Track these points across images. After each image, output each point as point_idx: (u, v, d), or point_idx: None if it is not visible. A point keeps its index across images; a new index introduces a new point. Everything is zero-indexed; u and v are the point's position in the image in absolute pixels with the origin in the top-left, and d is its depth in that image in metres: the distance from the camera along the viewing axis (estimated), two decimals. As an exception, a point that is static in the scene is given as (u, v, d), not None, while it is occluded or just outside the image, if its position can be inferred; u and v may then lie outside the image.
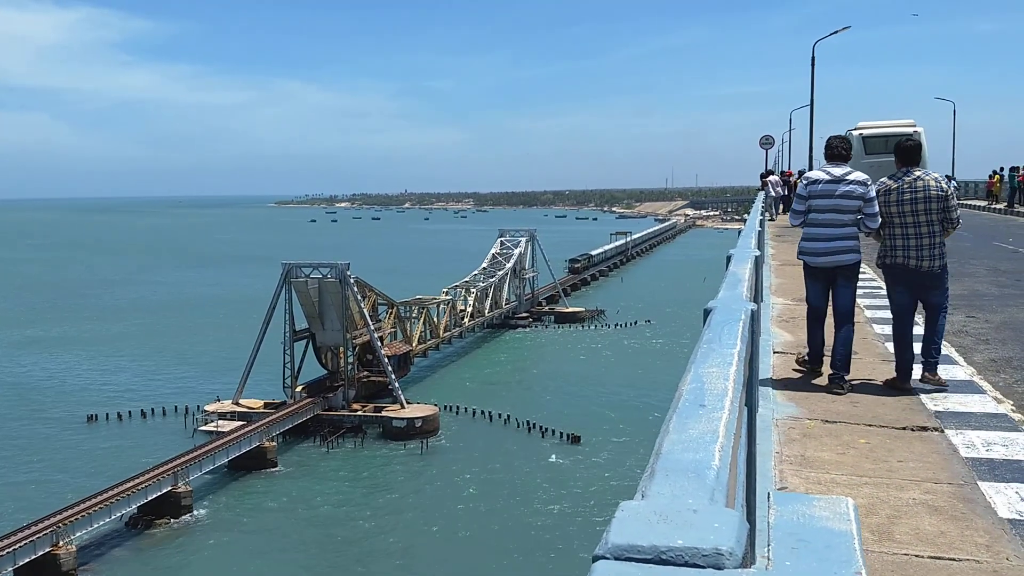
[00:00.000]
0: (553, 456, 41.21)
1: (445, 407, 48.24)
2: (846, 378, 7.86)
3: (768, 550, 1.40)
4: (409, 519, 34.52)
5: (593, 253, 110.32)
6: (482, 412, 47.97)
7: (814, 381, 8.12)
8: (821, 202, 8.05)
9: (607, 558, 1.36)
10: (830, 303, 8.27)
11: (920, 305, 8.18)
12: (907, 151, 8.11)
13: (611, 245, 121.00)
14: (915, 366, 7.92)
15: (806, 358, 8.46)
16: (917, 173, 7.97)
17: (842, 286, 8.16)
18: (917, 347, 7.99)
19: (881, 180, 8.24)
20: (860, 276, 8.80)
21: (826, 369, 8.12)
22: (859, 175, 8.15)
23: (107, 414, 48.59)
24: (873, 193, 8.04)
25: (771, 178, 35.65)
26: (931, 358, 7.86)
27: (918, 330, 8.23)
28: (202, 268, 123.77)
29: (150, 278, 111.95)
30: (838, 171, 8.10)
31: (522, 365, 61.16)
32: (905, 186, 7.90)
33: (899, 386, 7.79)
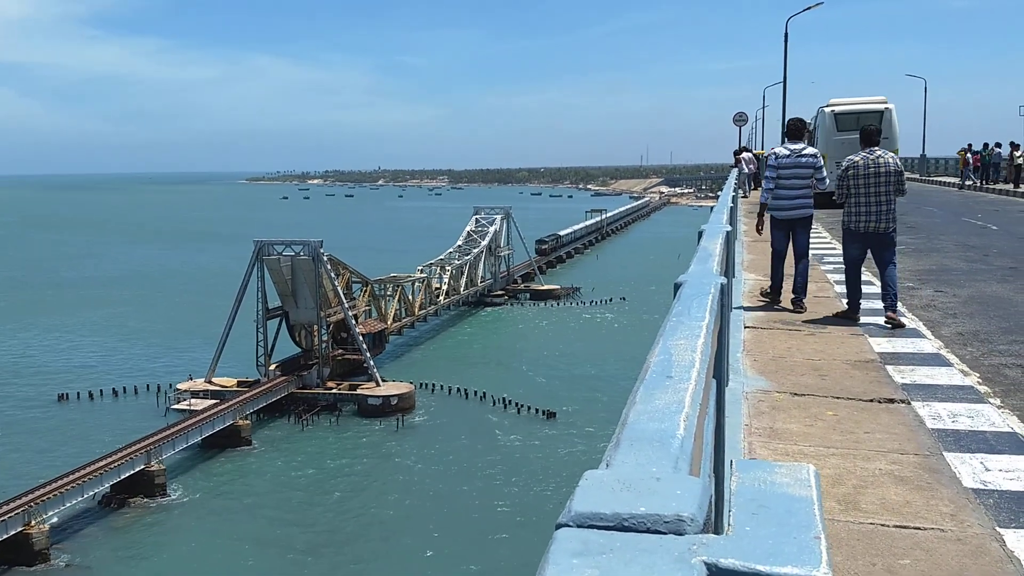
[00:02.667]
0: (528, 433, 41.41)
1: (420, 384, 48.25)
2: (803, 301, 10.41)
3: (729, 516, 1.40)
4: (385, 496, 34.60)
5: (562, 233, 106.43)
6: (457, 389, 48.04)
7: (776, 308, 10.39)
8: (786, 171, 10.50)
9: (570, 526, 1.36)
10: (789, 247, 10.75)
11: (874, 260, 9.93)
12: (869, 134, 9.92)
13: (581, 225, 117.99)
14: (873, 306, 9.87)
15: (768, 290, 10.88)
16: (878, 152, 9.72)
17: (800, 233, 10.70)
18: (866, 289, 10.27)
19: (849, 157, 9.92)
20: (824, 246, 10.23)
21: (787, 295, 10.60)
22: (811, 150, 10.69)
23: (78, 393, 48.08)
24: (822, 163, 10.67)
25: (744, 155, 35.74)
26: (890, 301, 9.54)
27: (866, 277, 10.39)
28: (173, 246, 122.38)
29: (120, 256, 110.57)
30: (796, 147, 10.61)
31: (497, 342, 61.24)
32: (870, 162, 9.61)
33: (851, 316, 9.71)
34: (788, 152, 10.56)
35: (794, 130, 10.90)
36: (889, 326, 9.28)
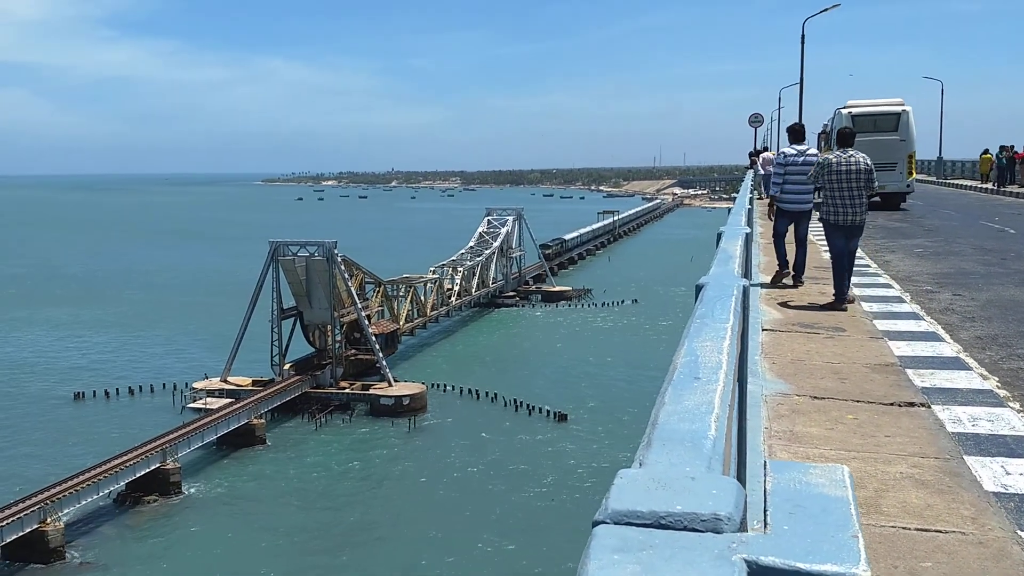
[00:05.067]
0: (540, 435, 41.39)
1: (432, 385, 48.31)
2: (802, 277, 12.21)
3: (766, 515, 1.42)
4: (397, 496, 34.67)
5: (567, 238, 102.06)
6: (469, 390, 48.06)
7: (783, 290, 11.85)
8: (792, 169, 12.04)
9: (607, 523, 1.38)
10: (791, 232, 12.50)
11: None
12: (844, 136, 11.12)
13: (587, 228, 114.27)
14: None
15: (782, 271, 12.39)
16: (851, 152, 10.84)
17: (802, 223, 12.41)
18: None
19: (825, 157, 11.24)
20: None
21: (788, 276, 12.23)
22: (813, 150, 12.62)
23: (94, 391, 48.39)
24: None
25: (765, 154, 35.51)
26: (846, 288, 10.96)
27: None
28: (188, 246, 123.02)
29: (135, 256, 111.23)
30: (801, 148, 12.30)
31: (509, 344, 61.24)
32: (843, 161, 10.69)
33: (838, 307, 10.72)
34: (795, 152, 12.15)
35: (796, 133, 12.76)
36: (844, 309, 10.64)
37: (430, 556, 29.27)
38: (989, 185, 41.10)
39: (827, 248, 11.52)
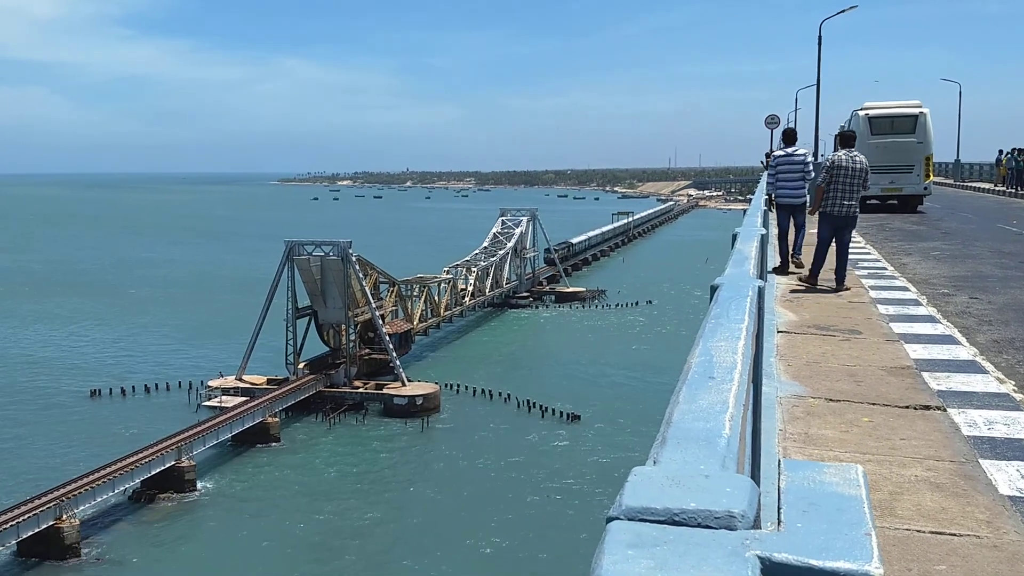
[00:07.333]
0: (552, 435, 41.36)
1: (446, 385, 48.35)
2: (800, 257, 13.52)
3: (780, 513, 1.43)
4: (410, 495, 34.74)
5: (574, 241, 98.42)
6: (482, 390, 48.09)
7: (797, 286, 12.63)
8: (783, 168, 13.78)
9: (621, 519, 1.39)
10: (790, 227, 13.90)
11: (835, 240, 12.25)
12: (847, 138, 12.54)
13: (595, 231, 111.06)
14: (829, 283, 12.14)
15: (785, 262, 13.74)
16: (854, 152, 12.15)
17: (798, 215, 13.95)
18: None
19: (835, 155, 12.46)
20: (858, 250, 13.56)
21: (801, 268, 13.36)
22: (803, 150, 14.10)
23: (110, 389, 48.72)
24: (810, 159, 14.05)
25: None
26: (842, 276, 12.20)
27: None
28: (204, 245, 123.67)
29: (151, 254, 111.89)
30: (790, 149, 13.99)
31: (522, 344, 61.23)
32: (850, 160, 11.98)
33: (810, 282, 12.24)
34: (783, 154, 13.99)
35: (789, 137, 14.71)
36: (836, 293, 11.88)
37: (442, 555, 29.31)
38: (1006, 188, 40.77)
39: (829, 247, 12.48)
